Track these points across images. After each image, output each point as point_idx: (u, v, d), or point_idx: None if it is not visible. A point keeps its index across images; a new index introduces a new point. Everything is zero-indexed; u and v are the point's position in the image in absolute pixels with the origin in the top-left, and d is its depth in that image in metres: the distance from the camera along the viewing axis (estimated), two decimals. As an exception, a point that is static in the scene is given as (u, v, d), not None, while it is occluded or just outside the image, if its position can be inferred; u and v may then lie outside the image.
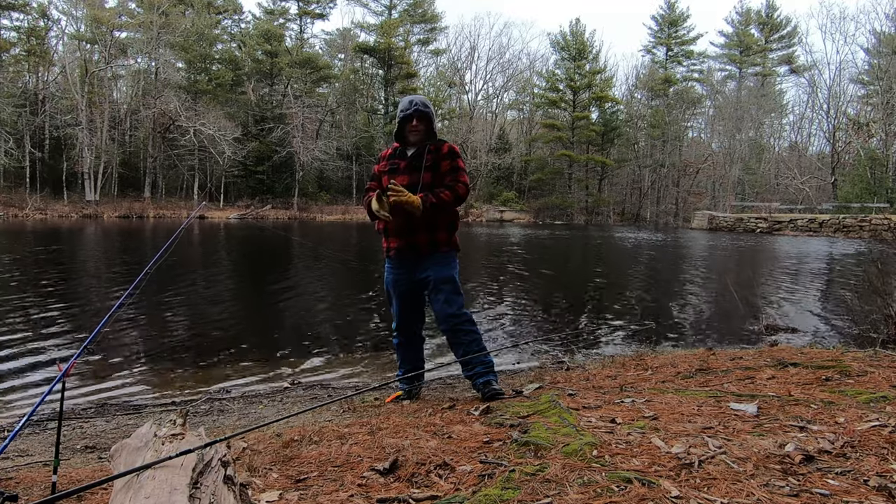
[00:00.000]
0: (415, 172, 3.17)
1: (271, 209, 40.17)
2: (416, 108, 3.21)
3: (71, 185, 37.03)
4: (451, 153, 3.22)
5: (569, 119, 51.51)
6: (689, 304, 9.04)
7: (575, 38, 52.04)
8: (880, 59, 39.30)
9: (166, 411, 3.57)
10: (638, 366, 3.90)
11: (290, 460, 2.05)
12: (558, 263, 16.42)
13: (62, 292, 8.55)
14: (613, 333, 6.57)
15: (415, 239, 3.17)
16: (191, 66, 42.11)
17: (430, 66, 56.61)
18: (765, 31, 57.46)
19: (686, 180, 52.56)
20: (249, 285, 10.53)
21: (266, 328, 6.48)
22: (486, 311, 7.71)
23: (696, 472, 1.61)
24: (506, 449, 1.95)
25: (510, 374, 4.41)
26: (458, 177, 3.16)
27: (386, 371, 4.76)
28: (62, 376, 1.79)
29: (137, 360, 5.04)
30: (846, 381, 2.82)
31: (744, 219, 36.25)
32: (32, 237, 19.57)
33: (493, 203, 48.08)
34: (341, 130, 48.33)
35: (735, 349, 4.90)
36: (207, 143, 37.29)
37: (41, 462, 2.55)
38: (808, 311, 8.14)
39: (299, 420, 3.02)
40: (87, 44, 39.93)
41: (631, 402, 2.56)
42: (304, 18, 51.50)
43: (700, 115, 57.54)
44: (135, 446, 1.51)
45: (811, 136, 54.25)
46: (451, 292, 3.17)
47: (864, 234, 27.96)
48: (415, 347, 3.44)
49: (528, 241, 24.75)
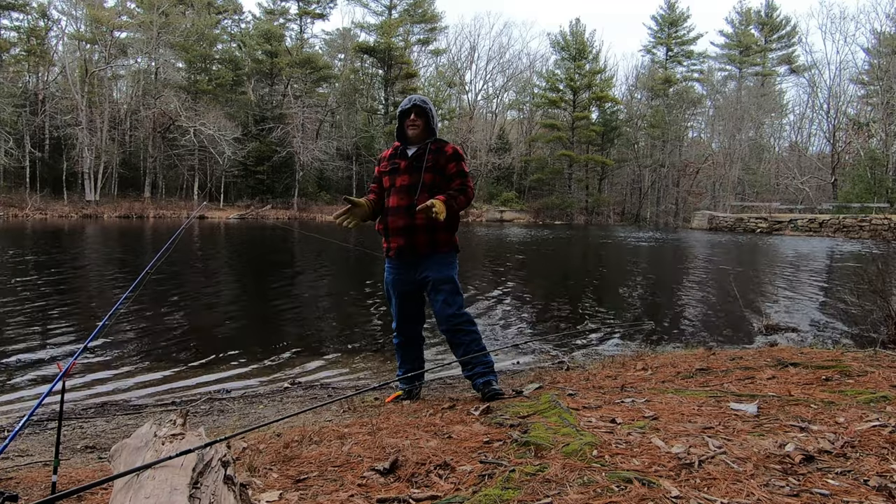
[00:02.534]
0: (415, 173, 3.17)
1: (271, 209, 40.18)
2: (415, 102, 3.23)
3: (71, 185, 37.03)
4: (455, 155, 3.23)
5: (569, 119, 51.51)
6: (689, 303, 9.03)
7: (575, 38, 52.05)
8: (880, 59, 39.30)
9: (166, 411, 3.57)
10: (638, 366, 3.89)
11: (290, 460, 2.05)
12: (558, 263, 16.42)
13: (62, 292, 8.55)
14: (613, 333, 6.57)
15: (415, 239, 3.17)
16: (191, 66, 42.11)
17: (430, 66, 56.73)
18: (765, 31, 57.49)
19: (686, 180, 52.57)
20: (249, 285, 10.53)
21: (266, 328, 6.48)
22: (486, 311, 7.71)
23: (696, 472, 1.61)
24: (506, 449, 1.95)
25: (510, 374, 4.42)
26: (467, 182, 3.20)
27: (386, 371, 4.76)
28: (62, 376, 1.79)
29: (137, 360, 5.04)
30: (846, 381, 2.82)
31: (744, 219, 36.26)
32: (32, 237, 19.57)
33: (493, 203, 48.09)
34: (341, 130, 48.33)
35: (735, 349, 4.90)
36: (207, 143, 37.29)
37: (41, 462, 2.55)
38: (808, 311, 8.14)
39: (299, 420, 3.02)
40: (87, 44, 39.93)
41: (631, 402, 2.56)
42: (304, 18, 51.52)
43: (700, 115, 57.60)
44: (135, 446, 1.51)
45: (811, 136, 54.30)
46: (450, 293, 3.17)
47: (864, 234, 27.96)
48: (415, 347, 3.44)
49: (528, 241, 24.74)
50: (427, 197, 3.13)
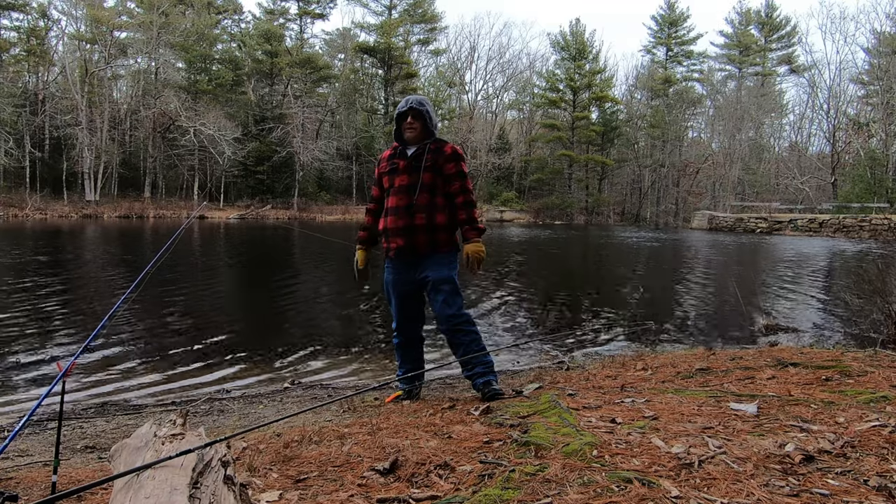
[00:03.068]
0: (414, 173, 3.17)
1: (271, 209, 40.18)
2: (411, 105, 3.22)
3: (71, 185, 37.03)
4: (454, 155, 3.21)
5: (569, 119, 51.51)
6: (689, 304, 9.03)
7: (575, 38, 52.04)
8: (880, 59, 39.30)
9: (166, 411, 3.57)
10: (638, 366, 3.89)
11: (290, 460, 2.05)
12: (558, 263, 16.42)
13: (62, 292, 8.55)
14: (613, 333, 6.57)
15: (414, 239, 3.16)
16: (191, 66, 42.10)
17: (430, 66, 56.71)
18: (764, 31, 57.50)
19: (686, 180, 52.57)
20: (249, 285, 10.53)
21: (266, 328, 6.48)
22: (486, 312, 7.71)
23: (696, 472, 1.61)
24: (506, 449, 1.95)
25: (510, 374, 4.41)
26: (465, 184, 3.20)
27: (386, 371, 4.76)
28: (62, 376, 1.79)
29: (137, 360, 5.04)
30: (846, 381, 2.82)
31: (744, 219, 36.25)
32: (32, 237, 19.57)
33: (494, 203, 48.09)
34: (341, 130, 48.33)
35: (735, 349, 4.90)
36: (207, 143, 37.28)
37: (41, 462, 2.55)
38: (808, 311, 8.14)
39: (299, 420, 3.01)
40: (87, 44, 39.94)
41: (631, 402, 2.56)
42: (304, 18, 51.51)
43: (700, 115, 57.60)
44: (135, 446, 1.51)
45: (811, 136, 54.30)
46: (450, 293, 3.16)
47: (864, 234, 27.97)
48: (415, 347, 3.44)
49: (528, 240, 24.74)
50: (426, 196, 3.13)
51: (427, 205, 3.14)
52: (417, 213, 3.13)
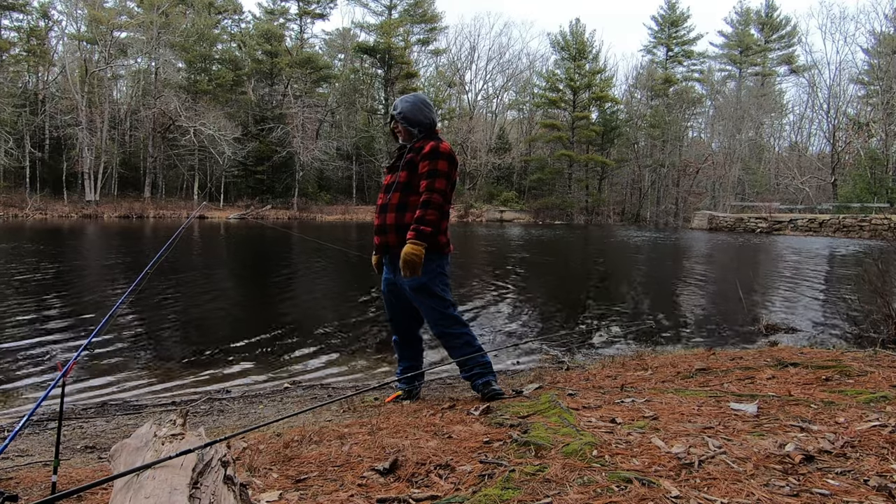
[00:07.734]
0: (395, 171, 3.17)
1: (271, 209, 40.18)
2: (392, 114, 3.21)
3: (71, 185, 37.04)
4: (430, 153, 2.99)
5: (569, 119, 51.50)
6: (689, 304, 9.03)
7: (575, 38, 52.02)
8: (880, 59, 39.32)
9: (166, 411, 3.57)
10: (638, 366, 3.89)
11: (290, 460, 2.05)
12: (558, 263, 16.42)
13: (62, 292, 8.55)
14: (613, 333, 6.57)
15: (386, 238, 3.09)
16: (191, 66, 42.12)
17: (430, 66, 56.73)
18: (764, 31, 57.52)
19: (686, 180, 52.54)
20: (249, 285, 10.52)
21: (266, 328, 6.47)
22: (486, 311, 7.71)
23: (696, 472, 1.61)
24: (506, 449, 1.95)
25: (510, 374, 4.41)
26: (433, 184, 2.93)
27: (386, 371, 4.76)
28: (62, 376, 1.79)
29: (137, 360, 5.04)
30: (846, 381, 2.82)
31: (744, 219, 36.23)
32: (32, 237, 19.56)
33: (493, 203, 48.09)
34: (341, 130, 48.33)
35: (735, 349, 4.90)
36: (207, 143, 37.29)
37: (41, 462, 2.55)
38: (808, 311, 8.14)
39: (299, 420, 3.01)
40: (87, 44, 39.95)
41: (631, 402, 2.56)
42: (304, 18, 51.50)
43: (700, 115, 57.60)
44: (135, 446, 1.51)
45: (811, 136, 54.35)
46: (425, 300, 3.04)
47: (865, 234, 27.97)
48: (413, 347, 3.43)
49: (528, 240, 24.74)
50: (398, 195, 3.06)
51: (398, 204, 3.05)
52: (388, 211, 3.08)
